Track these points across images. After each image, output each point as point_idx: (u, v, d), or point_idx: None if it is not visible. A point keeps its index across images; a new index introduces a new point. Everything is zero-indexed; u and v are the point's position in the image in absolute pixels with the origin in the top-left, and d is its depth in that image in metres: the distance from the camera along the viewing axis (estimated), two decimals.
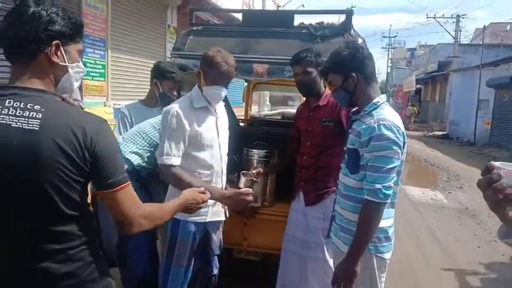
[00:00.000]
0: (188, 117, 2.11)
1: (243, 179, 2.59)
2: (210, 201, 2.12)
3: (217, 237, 2.39)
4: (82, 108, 4.87)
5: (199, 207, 1.67)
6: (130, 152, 2.39)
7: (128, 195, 1.26)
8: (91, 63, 7.12)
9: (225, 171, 2.34)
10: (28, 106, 1.12)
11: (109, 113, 7.47)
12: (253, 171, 2.64)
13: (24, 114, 1.11)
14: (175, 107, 2.13)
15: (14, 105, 1.12)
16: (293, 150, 2.73)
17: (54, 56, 1.20)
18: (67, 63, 1.24)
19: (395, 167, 1.77)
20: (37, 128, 1.10)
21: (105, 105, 7.52)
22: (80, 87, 6.63)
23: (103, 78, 7.52)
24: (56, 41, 1.20)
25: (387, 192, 1.74)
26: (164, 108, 2.19)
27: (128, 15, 8.29)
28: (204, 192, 1.66)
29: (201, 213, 2.14)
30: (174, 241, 2.21)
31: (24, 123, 1.10)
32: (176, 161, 2.10)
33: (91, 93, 7.15)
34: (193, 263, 2.28)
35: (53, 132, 1.11)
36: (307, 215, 2.52)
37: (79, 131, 1.14)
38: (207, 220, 2.26)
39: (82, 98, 5.26)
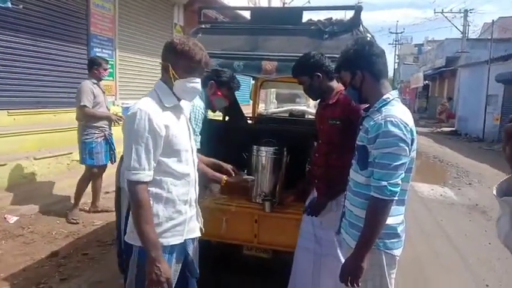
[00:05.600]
0: (161, 119, 1.74)
1: (267, 204, 2.77)
2: (188, 215, 1.89)
3: (194, 257, 2.03)
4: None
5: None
6: None
7: None
8: None
9: (197, 179, 1.99)
10: None
11: (117, 112, 7.53)
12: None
13: None
14: (142, 107, 1.72)
15: None
16: None
17: None
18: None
19: (402, 164, 1.76)
20: None
21: (114, 105, 7.58)
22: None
23: (111, 77, 7.57)
24: None
25: (393, 189, 1.74)
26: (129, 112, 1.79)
27: (135, 14, 8.34)
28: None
29: (176, 232, 1.85)
30: (143, 273, 1.74)
31: None
32: (145, 176, 1.71)
33: None
34: None
35: None
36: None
37: None
38: (184, 238, 1.89)
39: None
